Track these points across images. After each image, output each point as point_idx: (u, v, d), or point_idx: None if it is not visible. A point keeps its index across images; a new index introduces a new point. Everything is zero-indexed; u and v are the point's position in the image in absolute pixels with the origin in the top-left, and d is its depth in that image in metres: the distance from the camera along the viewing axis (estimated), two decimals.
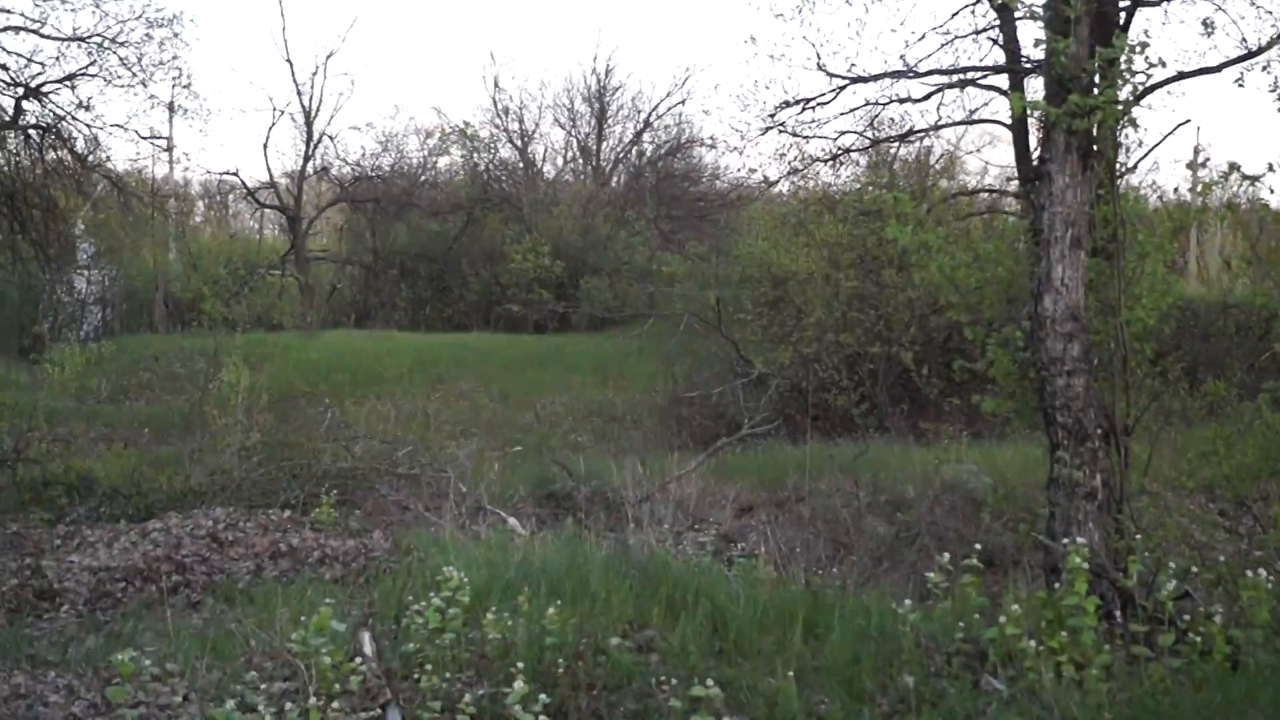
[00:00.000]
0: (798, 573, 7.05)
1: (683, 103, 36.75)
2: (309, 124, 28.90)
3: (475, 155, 33.68)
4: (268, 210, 32.43)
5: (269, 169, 32.81)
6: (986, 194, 22.75)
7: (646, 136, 34.90)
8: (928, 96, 18.16)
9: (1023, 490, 8.65)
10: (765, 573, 7.08)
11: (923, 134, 19.87)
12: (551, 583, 6.33)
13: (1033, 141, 15.52)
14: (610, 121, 35.56)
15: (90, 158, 21.31)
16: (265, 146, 34.84)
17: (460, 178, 34.14)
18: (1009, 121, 17.30)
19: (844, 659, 5.33)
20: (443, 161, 34.17)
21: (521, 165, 35.79)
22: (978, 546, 5.93)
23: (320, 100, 29.47)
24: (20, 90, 20.25)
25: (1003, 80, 17.07)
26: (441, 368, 20.90)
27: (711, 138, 36.16)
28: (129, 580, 7.45)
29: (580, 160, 37.42)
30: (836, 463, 11.38)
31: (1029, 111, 6.99)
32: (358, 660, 5.33)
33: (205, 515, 8.77)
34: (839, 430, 14.89)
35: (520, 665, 4.90)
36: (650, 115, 34.28)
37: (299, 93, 31.01)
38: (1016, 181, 18.29)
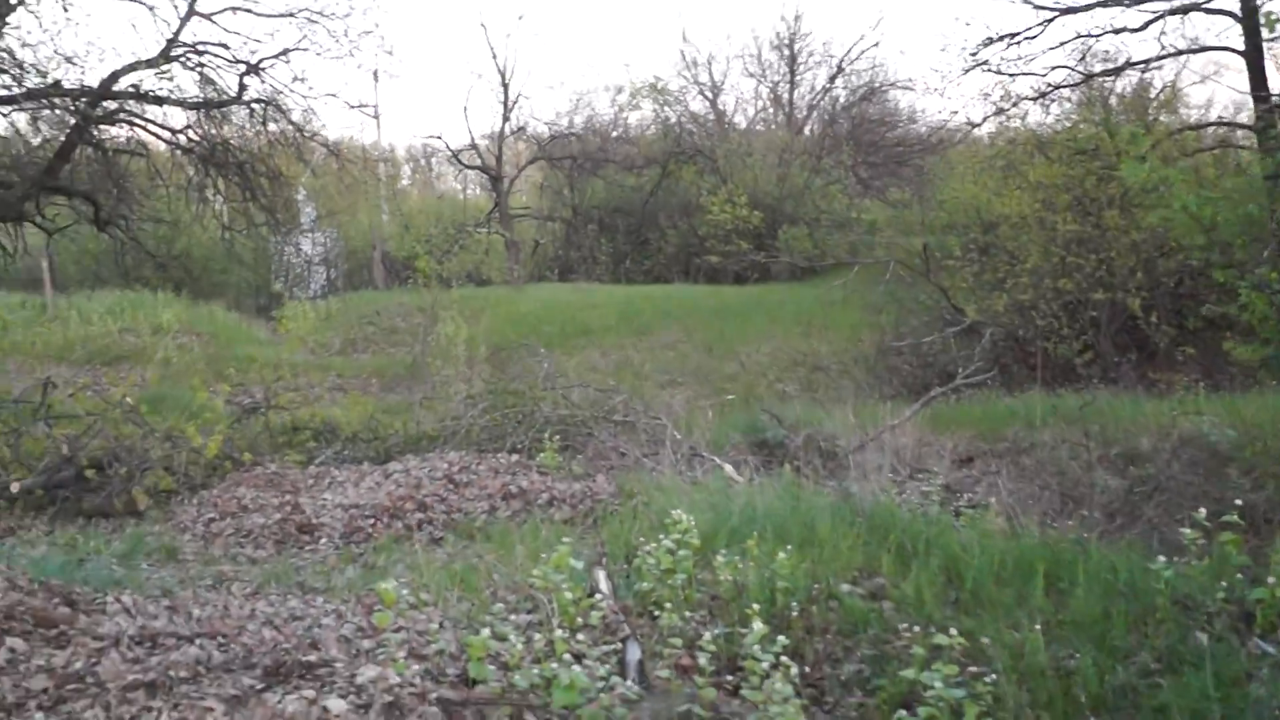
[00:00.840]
0: (1030, 525, 6.80)
1: (876, 45, 35.58)
2: (504, 86, 29.69)
3: (666, 109, 33.77)
4: (470, 171, 33.58)
5: (470, 131, 33.99)
6: (1215, 127, 20.98)
7: (839, 82, 34.05)
8: (1145, 25, 16.93)
9: (1278, 444, 8.05)
10: (995, 524, 6.87)
11: (1141, 66, 18.51)
12: (777, 528, 6.36)
13: (1270, 66, 14.25)
14: (801, 69, 34.88)
15: (307, 127, 22.56)
16: (465, 109, 36.06)
17: (652, 132, 34.31)
18: (1241, 47, 15.91)
19: (1092, 614, 5.12)
20: (634, 117, 34.45)
21: (713, 117, 35.62)
22: (1238, 503, 5.55)
23: (515, 62, 30.20)
24: (243, 67, 21.55)
25: (1232, 2, 15.70)
26: (645, 319, 21.22)
27: (909, 80, 34.84)
28: (377, 517, 7.99)
29: (772, 109, 36.91)
30: (1060, 414, 10.86)
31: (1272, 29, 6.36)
32: (596, 596, 5.53)
33: (440, 458, 9.29)
34: (1060, 380, 14.19)
35: (755, 607, 4.95)
36: (843, 60, 33.40)
37: (494, 55, 31.86)
38: (1250, 112, 16.83)
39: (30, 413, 10.22)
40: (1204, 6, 16.56)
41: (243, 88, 21.05)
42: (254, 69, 20.75)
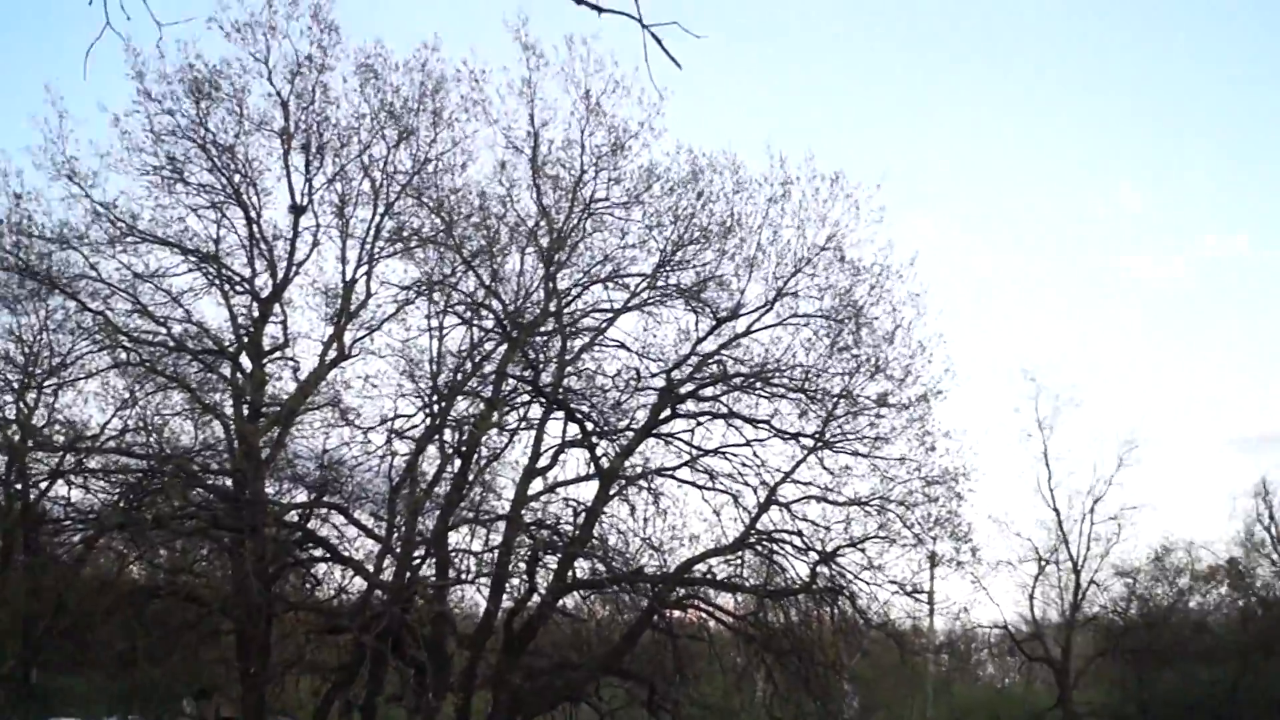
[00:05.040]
0: None
1: None
2: (1076, 572, 27.75)
3: (1249, 595, 29.42)
4: (1033, 662, 30.59)
5: (1034, 618, 30.85)
6: None
7: None
8: None
9: None
10: None
11: None
12: None
13: None
14: None
15: (871, 614, 22.11)
16: (1031, 596, 32.57)
17: (1229, 616, 29.84)
18: None
19: None
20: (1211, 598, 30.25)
21: None
22: None
23: (1088, 547, 28.60)
24: (814, 556, 22.01)
25: None
26: None
27: None
28: None
29: None
30: None
31: None
32: None
33: None
34: None
35: None
36: None
37: (1065, 541, 29.91)
38: None
39: None
40: None
41: (814, 576, 21.24)
42: (827, 558, 20.99)
